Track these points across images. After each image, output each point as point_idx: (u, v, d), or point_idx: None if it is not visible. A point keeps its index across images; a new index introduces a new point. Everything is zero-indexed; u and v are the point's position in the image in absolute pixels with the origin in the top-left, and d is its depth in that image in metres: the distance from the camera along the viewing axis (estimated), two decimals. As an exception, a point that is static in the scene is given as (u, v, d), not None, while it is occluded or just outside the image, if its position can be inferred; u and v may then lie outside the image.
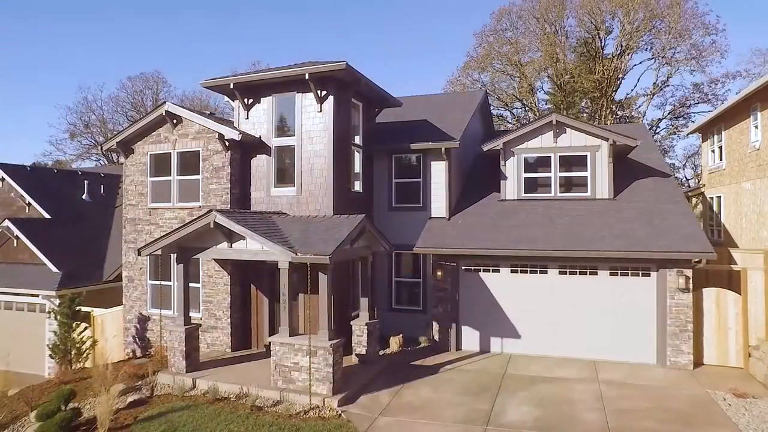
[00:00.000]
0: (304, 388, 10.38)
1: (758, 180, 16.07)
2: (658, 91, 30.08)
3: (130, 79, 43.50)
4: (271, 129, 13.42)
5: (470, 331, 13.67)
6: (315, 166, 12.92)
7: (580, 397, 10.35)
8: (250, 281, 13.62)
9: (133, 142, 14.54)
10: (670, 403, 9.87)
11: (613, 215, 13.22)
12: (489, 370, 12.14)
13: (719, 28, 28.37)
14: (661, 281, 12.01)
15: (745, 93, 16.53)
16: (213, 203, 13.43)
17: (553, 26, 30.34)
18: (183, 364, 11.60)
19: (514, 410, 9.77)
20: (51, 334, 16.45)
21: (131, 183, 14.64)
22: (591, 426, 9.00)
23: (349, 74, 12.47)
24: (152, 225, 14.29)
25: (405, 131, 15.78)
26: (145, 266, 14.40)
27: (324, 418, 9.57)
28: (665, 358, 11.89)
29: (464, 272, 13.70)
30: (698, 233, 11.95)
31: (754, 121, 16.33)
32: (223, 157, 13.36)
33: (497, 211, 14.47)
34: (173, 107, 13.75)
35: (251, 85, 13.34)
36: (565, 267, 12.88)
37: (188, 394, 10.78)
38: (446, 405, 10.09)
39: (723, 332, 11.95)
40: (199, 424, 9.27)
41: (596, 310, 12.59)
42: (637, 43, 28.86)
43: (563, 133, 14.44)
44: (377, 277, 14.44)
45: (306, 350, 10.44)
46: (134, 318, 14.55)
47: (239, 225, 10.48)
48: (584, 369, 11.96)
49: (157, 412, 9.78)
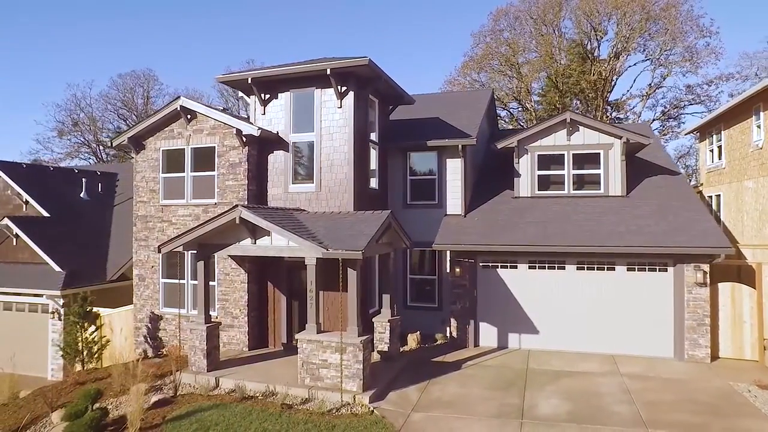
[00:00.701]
0: (332, 386, 10.30)
1: (761, 178, 16.47)
2: (652, 93, 30.75)
3: (121, 77, 42.80)
4: (288, 125, 13.29)
5: (488, 327, 13.73)
6: (335, 162, 12.84)
7: (606, 390, 10.47)
8: (267, 279, 13.46)
9: (144, 137, 14.26)
10: (696, 396, 10.05)
11: (629, 212, 13.42)
12: (511, 365, 12.20)
13: (713, 31, 29.22)
14: (678, 276, 12.22)
15: (747, 94, 16.93)
16: (229, 200, 13.24)
17: (549, 27, 30.74)
18: (204, 363, 11.41)
19: (544, 404, 9.84)
20: (54, 335, 16.10)
21: (142, 179, 14.36)
22: (624, 418, 9.11)
23: (371, 70, 12.43)
24: (165, 222, 14.03)
25: (418, 129, 15.79)
26: (157, 264, 14.12)
27: (356, 415, 9.50)
28: (683, 351, 12.10)
29: (482, 268, 13.76)
30: (715, 229, 12.21)
31: (756, 121, 16.73)
32: (240, 153, 13.18)
33: (512, 208, 14.57)
34: (188, 102, 13.53)
35: (269, 80, 13.19)
36: (582, 262, 13.02)
37: (213, 393, 10.61)
38: (476, 400, 10.11)
39: (738, 326, 12.22)
40: (231, 423, 9.13)
41: (614, 305, 12.75)
42: (633, 45, 29.45)
43: (576, 131, 14.61)
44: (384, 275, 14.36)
45: (334, 347, 10.36)
46: (146, 317, 14.26)
47: (266, 221, 10.35)
48: (604, 363, 12.11)
49: (185, 412, 9.60)
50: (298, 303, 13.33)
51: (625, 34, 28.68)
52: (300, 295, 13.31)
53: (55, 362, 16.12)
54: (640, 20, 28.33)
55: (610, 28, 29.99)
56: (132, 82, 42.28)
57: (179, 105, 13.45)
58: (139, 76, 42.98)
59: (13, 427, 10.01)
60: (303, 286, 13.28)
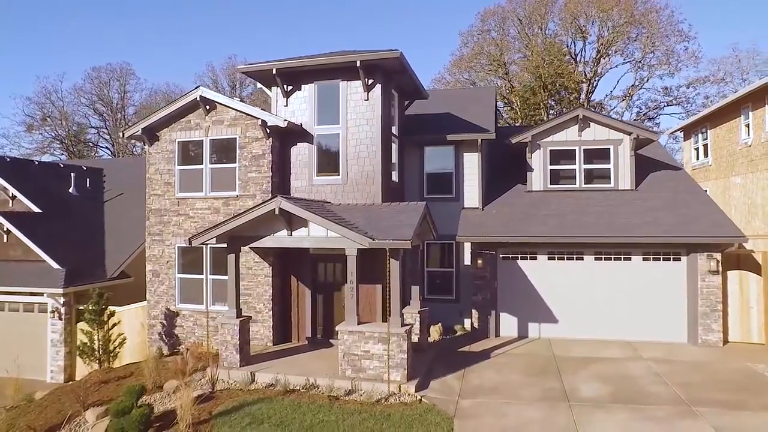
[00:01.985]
0: (375, 376, 10.31)
1: (750, 174, 17.51)
2: (634, 93, 32.09)
3: (95, 70, 40.90)
4: (312, 116, 13.17)
5: (508, 317, 14.03)
6: (361, 154, 12.82)
7: (637, 373, 10.91)
8: (290, 273, 13.30)
9: (158, 128, 13.82)
10: (721, 376, 10.61)
11: (641, 204, 14.00)
12: (537, 353, 12.52)
13: (691, 36, 30.85)
14: (692, 265, 12.86)
15: (735, 96, 17.98)
16: (252, 192, 13.02)
17: (536, 28, 31.55)
18: (237, 358, 11.18)
19: (584, 387, 10.17)
20: (55, 335, 15.38)
21: (156, 172, 13.91)
22: (664, 398, 9.53)
23: (400, 63, 12.48)
24: (181, 216, 13.64)
25: (432, 123, 15.95)
26: (173, 259, 13.71)
27: (406, 404, 9.54)
28: (696, 336, 12.73)
29: (502, 260, 14.05)
30: (727, 220, 12.91)
31: (745, 121, 17.77)
32: (263, 145, 12.97)
33: (527, 201, 14.93)
34: (208, 92, 13.21)
35: (293, 72, 13.03)
36: (600, 253, 13.51)
37: (251, 387, 10.41)
38: (517, 386, 10.35)
39: (745, 311, 12.96)
40: (284, 415, 9.00)
41: (630, 294, 13.28)
42: (615, 48, 30.68)
43: (587, 127, 15.11)
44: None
45: (377, 337, 10.37)
46: (160, 314, 13.82)
47: (309, 212, 10.26)
48: (625, 349, 12.59)
49: (231, 407, 9.39)
50: (323, 297, 13.23)
51: (608, 38, 29.88)
52: (325, 289, 13.24)
53: (55, 363, 15.40)
54: (623, 24, 29.57)
55: (593, 31, 31.24)
56: (107, 75, 40.62)
57: (198, 95, 13.11)
58: (115, 70, 41.34)
59: (45, 427, 9.53)
60: (328, 280, 13.25)
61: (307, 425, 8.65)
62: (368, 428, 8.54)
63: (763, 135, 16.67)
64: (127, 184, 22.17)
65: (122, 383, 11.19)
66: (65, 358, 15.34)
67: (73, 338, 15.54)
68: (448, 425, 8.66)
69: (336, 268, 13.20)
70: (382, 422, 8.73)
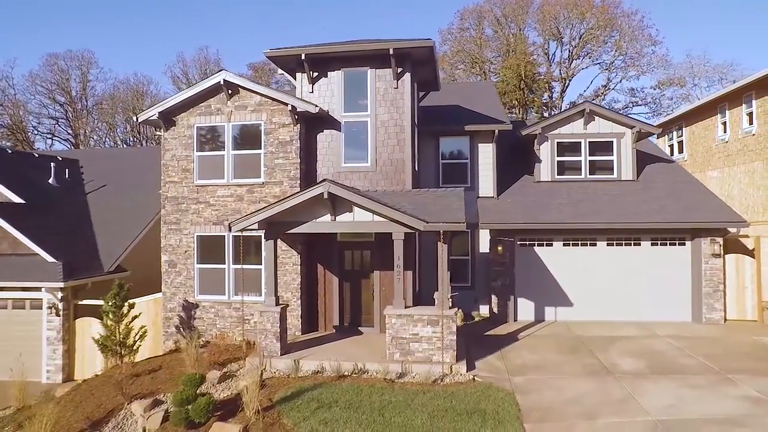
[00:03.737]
0: (424, 359, 10.44)
1: (726, 168, 18.98)
2: (605, 93, 33.87)
3: (53, 57, 38.01)
4: (339, 103, 13.09)
5: (525, 302, 14.52)
6: (390, 142, 12.89)
7: (661, 349, 11.64)
8: (316, 261, 13.16)
9: (175, 113, 13.28)
10: (736, 348, 11.52)
11: (645, 194, 14.89)
12: (560, 334, 13.06)
13: (658, 41, 33.02)
14: (696, 249, 13.84)
15: (712, 96, 19.44)
16: (279, 179, 12.79)
17: (513, 28, 32.60)
18: (277, 347, 10.97)
19: (621, 362, 10.75)
20: (52, 332, 14.46)
21: (172, 158, 13.35)
22: (696, 368, 10.24)
23: (431, 53, 12.66)
24: (200, 204, 13.17)
25: (444, 114, 16.24)
26: (191, 249, 13.21)
27: (461, 383, 9.76)
28: (700, 315, 13.71)
29: (519, 247, 14.53)
30: (726, 207, 13.99)
31: (722, 119, 19.24)
32: (290, 131, 12.77)
33: (537, 191, 15.50)
34: (232, 76, 12.82)
35: (321, 58, 12.89)
36: (612, 239, 14.26)
37: (299, 375, 10.26)
38: (558, 363, 10.79)
39: (741, 291, 14.09)
40: (349, 398, 8.97)
41: (640, 277, 14.10)
42: (587, 50, 32.27)
43: (592, 121, 15.87)
44: (426, 256, 14.67)
45: (426, 320, 10.51)
46: (177, 306, 13.28)
47: (361, 196, 10.27)
48: (639, 329, 13.36)
49: (289, 393, 9.24)
50: (350, 285, 13.19)
51: (582, 40, 31.40)
52: (352, 277, 13.20)
53: (52, 363, 14.44)
54: (596, 27, 31.14)
55: (567, 33, 32.65)
56: (67, 63, 37.97)
57: (222, 79, 12.72)
58: (75, 57, 38.69)
59: (87, 422, 8.99)
60: (355, 267, 13.23)
61: (377, 406, 8.66)
62: (438, 406, 8.67)
63: (740, 132, 18.13)
64: (108, 175, 21.14)
65: (156, 376, 10.74)
66: (63, 356, 14.43)
67: (71, 335, 14.68)
68: (511, 399, 8.94)
69: (363, 255, 13.20)
70: (450, 399, 8.89)
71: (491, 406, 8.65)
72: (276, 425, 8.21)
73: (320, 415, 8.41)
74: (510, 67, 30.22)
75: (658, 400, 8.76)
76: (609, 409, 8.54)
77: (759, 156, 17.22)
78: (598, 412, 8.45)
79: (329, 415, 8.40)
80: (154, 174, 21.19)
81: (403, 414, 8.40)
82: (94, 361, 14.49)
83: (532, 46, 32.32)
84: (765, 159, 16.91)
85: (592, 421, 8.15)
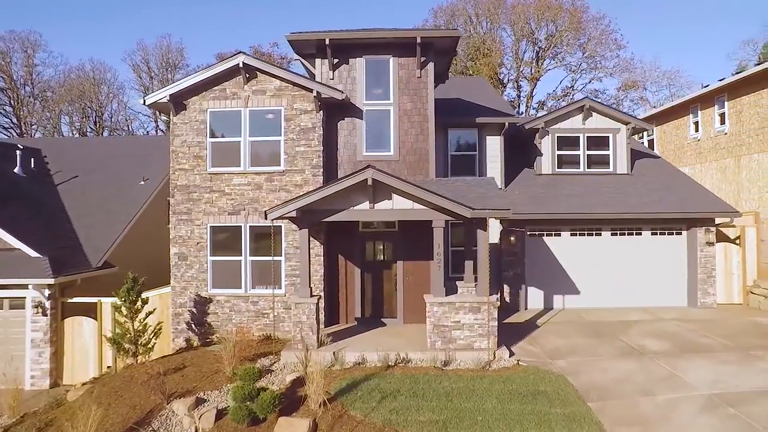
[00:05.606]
0: (465, 346, 10.45)
1: (698, 165, 20.37)
2: (571, 94, 35.34)
3: (-11, 34, 34.30)
4: (361, 91, 12.84)
5: (535, 291, 14.89)
6: (413, 131, 12.80)
7: (674, 330, 12.30)
8: (337, 252, 12.83)
9: (185, 96, 12.50)
10: (740, 328, 12.37)
11: (642, 186, 15.67)
12: (574, 320, 13.49)
13: (623, 45, 34.92)
14: (692, 238, 14.74)
15: (685, 98, 20.80)
16: (300, 167, 12.36)
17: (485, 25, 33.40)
18: (313, 339, 10.61)
19: (646, 343, 11.27)
20: (37, 334, 13.21)
21: (183, 144, 12.56)
22: (718, 347, 10.90)
23: (454, 44, 12.69)
24: (214, 192, 12.48)
25: (452, 107, 16.29)
26: (204, 240, 12.48)
27: (508, 368, 9.85)
28: (696, 300, 14.61)
29: (529, 237, 14.87)
30: (718, 198, 15.00)
31: (694, 119, 20.62)
32: (313, 118, 12.38)
33: (540, 183, 15.93)
34: (251, 59, 12.23)
35: (343, 44, 12.57)
36: (616, 229, 14.92)
37: (344, 367, 9.95)
38: (589, 346, 11.14)
39: (729, 277, 15.16)
40: (410, 387, 8.81)
41: (641, 265, 14.83)
42: (557, 51, 33.62)
43: (590, 117, 16.52)
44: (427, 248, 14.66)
45: (468, 307, 10.52)
46: (188, 301, 12.50)
47: (407, 183, 10.10)
48: (645, 313, 14.04)
49: (345, 385, 8.94)
50: (371, 275, 12.97)
51: (552, 41, 32.65)
52: (373, 268, 12.99)
53: (38, 367, 13.16)
54: (566, 29, 32.47)
55: (539, 34, 33.81)
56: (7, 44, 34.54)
57: (241, 62, 12.10)
58: (18, 39, 35.21)
59: (125, 424, 8.26)
60: (377, 258, 13.06)
61: (441, 393, 8.57)
62: (500, 390, 8.70)
63: (712, 131, 19.52)
64: (77, 166, 19.63)
65: (185, 374, 10.05)
66: (51, 360, 13.21)
67: (60, 336, 13.48)
68: (564, 381, 9.13)
69: (385, 246, 13.03)
70: (508, 383, 8.95)
71: (550, 388, 8.79)
72: (344, 417, 7.92)
73: (388, 404, 8.20)
74: (487, 64, 30.97)
75: (700, 376, 9.24)
76: (660, 386, 8.91)
77: (731, 153, 18.62)
78: (651, 389, 8.79)
79: (397, 404, 8.21)
80: (130, 165, 19.96)
81: (470, 399, 8.36)
82: (86, 364, 13.43)
83: (502, 46, 33.27)
84: (737, 156, 18.31)
85: (651, 397, 8.48)
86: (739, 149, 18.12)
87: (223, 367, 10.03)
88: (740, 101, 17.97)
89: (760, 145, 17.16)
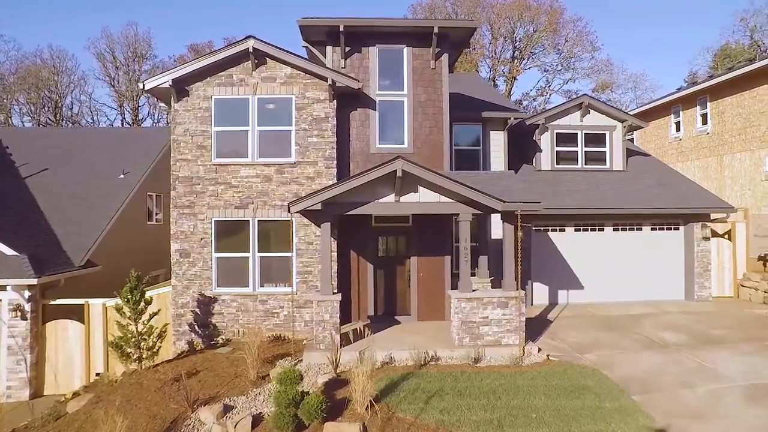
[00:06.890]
0: (493, 342, 10.22)
1: (680, 163, 21.05)
2: (547, 94, 36.09)
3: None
4: (374, 81, 12.39)
5: (540, 286, 14.87)
6: (428, 123, 12.48)
7: (683, 323, 12.51)
8: (349, 248, 12.32)
9: (188, 82, 11.67)
10: (745, 320, 12.74)
11: (640, 182, 15.96)
12: (584, 315, 13.52)
13: (598, 47, 35.90)
14: (688, 233, 15.12)
15: (667, 99, 21.45)
16: (313, 158, 11.79)
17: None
18: (337, 338, 10.08)
19: (663, 335, 11.38)
20: (15, 339, 12.00)
21: (185, 133, 11.71)
22: (732, 338, 11.13)
23: (470, 36, 12.46)
24: (220, 184, 11.71)
25: (455, 101, 16.03)
26: (208, 236, 11.68)
27: (540, 363, 9.70)
28: (692, 293, 15.00)
29: (535, 232, 14.83)
30: (713, 195, 15.44)
31: (676, 119, 21.31)
32: (326, 107, 11.82)
33: (541, 179, 15.92)
34: (262, 44, 11.51)
35: (357, 32, 12.09)
36: (617, 224, 15.11)
37: (376, 366, 9.44)
38: (611, 339, 11.15)
39: (721, 271, 15.66)
40: (453, 385, 8.49)
41: (642, 260, 15.07)
42: (534, 50, 34.19)
43: (588, 114, 16.69)
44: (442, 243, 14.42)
45: (496, 303, 10.30)
46: (191, 301, 11.66)
47: (438, 175, 9.75)
48: (649, 307, 14.25)
49: (384, 385, 8.47)
50: (384, 272, 12.55)
51: (531, 41, 33.15)
52: (386, 264, 12.59)
53: (15, 377, 12.00)
54: (544, 30, 33.05)
55: (517, 33, 34.26)
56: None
57: (250, 46, 11.40)
58: None
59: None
60: (389, 254, 12.66)
61: (486, 390, 8.29)
62: (544, 385, 8.51)
63: (694, 131, 20.22)
64: (45, 158, 18.22)
65: (201, 379, 9.31)
66: (31, 368, 12.07)
67: (40, 341, 12.34)
68: (601, 375, 9.04)
69: (398, 241, 12.65)
70: (549, 379, 8.78)
71: (592, 382, 8.67)
72: (393, 420, 7.48)
73: (436, 404, 7.82)
74: (469, 61, 31.11)
75: (730, 367, 9.36)
76: (695, 377, 8.96)
77: (713, 152, 19.33)
78: (688, 380, 8.82)
79: (445, 404, 7.84)
80: (105, 158, 18.65)
81: (517, 396, 8.10)
82: (71, 371, 12.41)
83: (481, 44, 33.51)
84: (719, 155, 19.03)
85: (692, 389, 8.49)
86: (721, 149, 18.83)
87: (243, 371, 9.39)
88: (723, 102, 18.68)
89: (743, 144, 17.88)
